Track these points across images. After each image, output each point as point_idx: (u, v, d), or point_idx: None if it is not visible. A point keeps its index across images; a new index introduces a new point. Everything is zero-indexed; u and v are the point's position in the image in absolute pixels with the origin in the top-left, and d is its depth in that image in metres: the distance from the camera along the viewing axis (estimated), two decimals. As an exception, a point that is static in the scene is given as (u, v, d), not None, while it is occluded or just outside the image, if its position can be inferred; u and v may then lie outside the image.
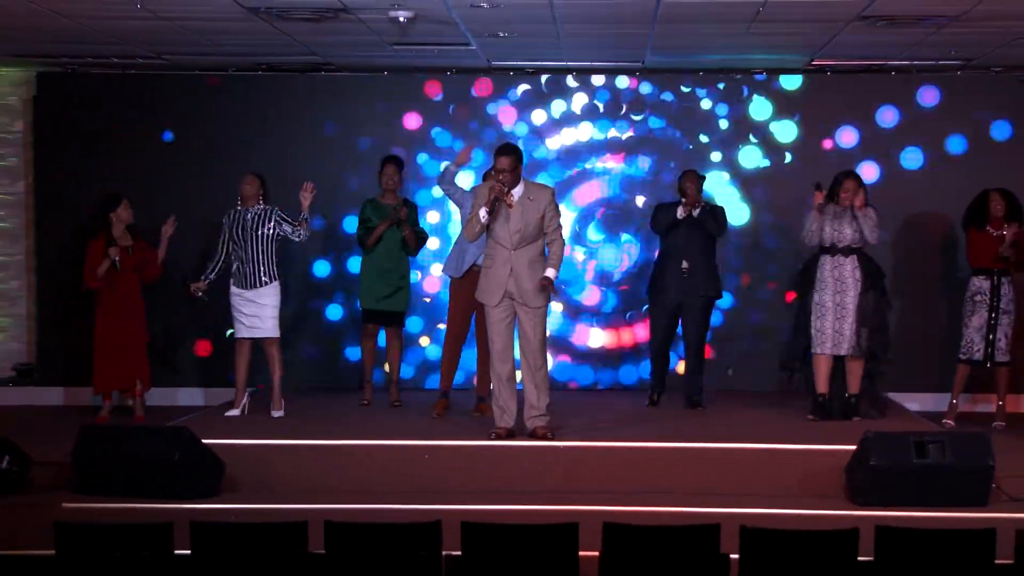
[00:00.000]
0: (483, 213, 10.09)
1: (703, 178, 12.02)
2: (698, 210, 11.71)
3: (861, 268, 11.11)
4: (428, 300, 13.37)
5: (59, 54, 12.48)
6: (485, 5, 9.91)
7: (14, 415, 11.86)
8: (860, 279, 11.08)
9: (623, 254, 13.39)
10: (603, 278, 13.43)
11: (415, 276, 12.93)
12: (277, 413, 11.41)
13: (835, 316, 11.05)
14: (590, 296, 13.43)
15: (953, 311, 12.25)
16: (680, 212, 11.55)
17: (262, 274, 11.31)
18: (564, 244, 10.38)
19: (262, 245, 11.31)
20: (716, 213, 11.89)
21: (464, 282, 11.24)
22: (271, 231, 11.33)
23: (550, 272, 10.20)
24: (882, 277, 11.32)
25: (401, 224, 11.84)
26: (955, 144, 13.17)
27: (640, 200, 13.28)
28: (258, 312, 11.33)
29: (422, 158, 13.32)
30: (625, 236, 13.37)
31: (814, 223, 11.09)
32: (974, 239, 11.61)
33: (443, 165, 11.80)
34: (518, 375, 10.49)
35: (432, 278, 13.25)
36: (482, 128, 13.32)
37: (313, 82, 13.45)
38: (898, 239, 13.07)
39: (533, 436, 10.26)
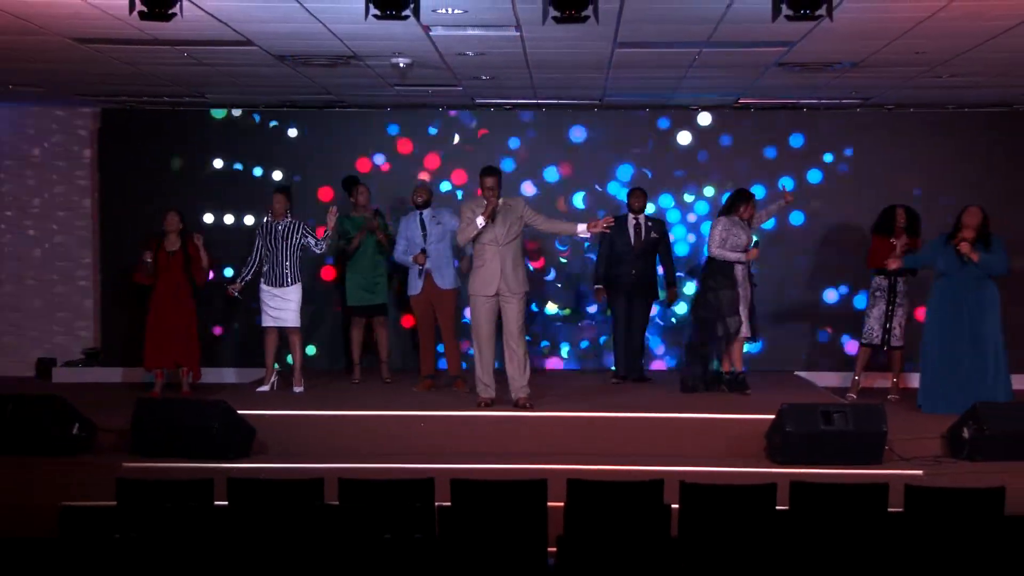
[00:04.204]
0: (481, 221, 10.16)
1: (645, 194, 12.10)
2: (648, 222, 11.87)
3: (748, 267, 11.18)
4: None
5: (120, 94, 12.42)
6: (470, 54, 9.89)
7: (83, 390, 11.78)
8: (749, 275, 11.16)
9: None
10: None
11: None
12: (298, 389, 11.36)
13: (743, 306, 11.05)
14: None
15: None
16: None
17: (287, 275, 11.29)
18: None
19: (289, 252, 11.29)
20: (663, 228, 12.15)
21: (420, 294, 11.47)
22: (297, 241, 11.30)
23: (580, 227, 10.32)
24: (754, 274, 11.38)
25: (375, 231, 11.79)
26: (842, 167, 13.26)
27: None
28: (283, 306, 11.31)
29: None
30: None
31: (732, 256, 10.99)
32: (876, 245, 11.63)
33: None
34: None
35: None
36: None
37: (328, 117, 13.41)
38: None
39: (517, 405, 10.28)
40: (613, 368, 12.20)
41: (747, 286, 11.08)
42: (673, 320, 13.13)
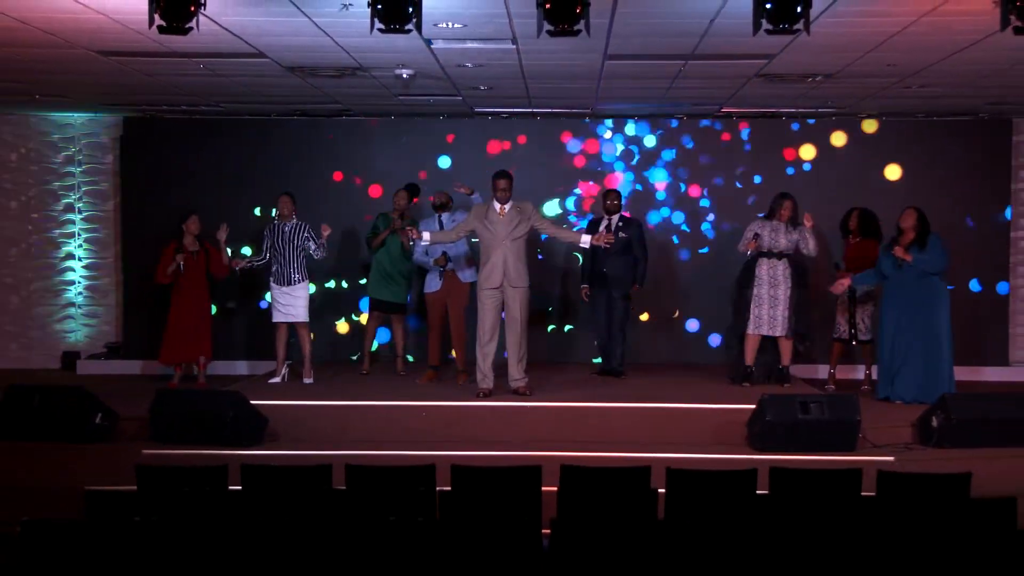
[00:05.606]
0: (427, 236, 10.48)
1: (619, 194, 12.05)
2: (620, 222, 11.79)
3: (792, 269, 11.09)
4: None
5: (140, 103, 12.42)
6: (469, 65, 9.89)
7: (105, 382, 11.79)
8: (791, 277, 11.07)
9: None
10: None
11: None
12: (308, 380, 11.36)
13: (769, 305, 11.03)
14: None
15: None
16: None
17: (295, 275, 11.29)
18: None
19: (295, 252, 11.29)
20: (637, 227, 11.95)
21: (438, 291, 11.44)
22: (302, 242, 11.30)
23: (584, 238, 10.54)
24: (806, 275, 11.34)
25: (397, 234, 11.76)
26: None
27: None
28: (292, 302, 11.32)
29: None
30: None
31: (749, 249, 11.05)
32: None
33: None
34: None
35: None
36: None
37: (337, 124, 13.41)
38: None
39: (516, 394, 10.34)
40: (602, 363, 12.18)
41: (781, 285, 11.03)
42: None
